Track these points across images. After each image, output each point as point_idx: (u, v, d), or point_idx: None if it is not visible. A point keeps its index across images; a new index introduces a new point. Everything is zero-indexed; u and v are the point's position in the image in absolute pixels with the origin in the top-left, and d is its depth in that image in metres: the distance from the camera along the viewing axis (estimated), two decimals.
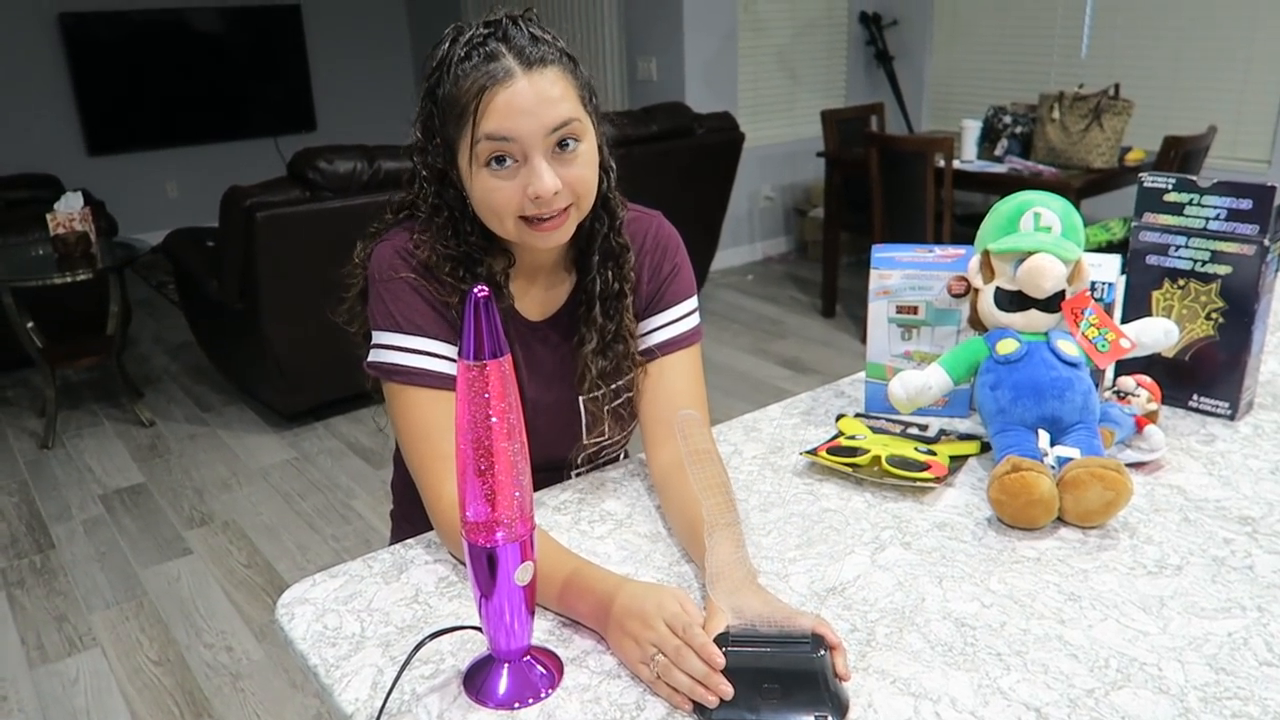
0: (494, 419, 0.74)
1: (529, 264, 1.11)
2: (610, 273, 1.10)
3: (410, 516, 1.25)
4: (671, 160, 3.91)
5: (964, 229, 4.15)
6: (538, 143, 0.96)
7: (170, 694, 2.16)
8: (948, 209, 3.77)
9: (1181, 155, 3.51)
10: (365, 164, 3.08)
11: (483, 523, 0.77)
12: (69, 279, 3.25)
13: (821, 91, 5.48)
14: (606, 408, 1.15)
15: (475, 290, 0.72)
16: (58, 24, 5.61)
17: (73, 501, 3.02)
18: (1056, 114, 3.79)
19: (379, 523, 2.84)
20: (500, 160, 0.96)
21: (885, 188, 3.90)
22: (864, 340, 4.41)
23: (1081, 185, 3.59)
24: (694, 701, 0.77)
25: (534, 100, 0.95)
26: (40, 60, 5.63)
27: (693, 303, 1.19)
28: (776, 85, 5.31)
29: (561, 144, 0.98)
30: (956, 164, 3.81)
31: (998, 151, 4.02)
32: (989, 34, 5.02)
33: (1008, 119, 4.06)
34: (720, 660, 0.77)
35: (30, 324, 3.34)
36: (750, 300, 4.86)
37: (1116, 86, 3.75)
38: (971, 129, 4.02)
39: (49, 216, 3.36)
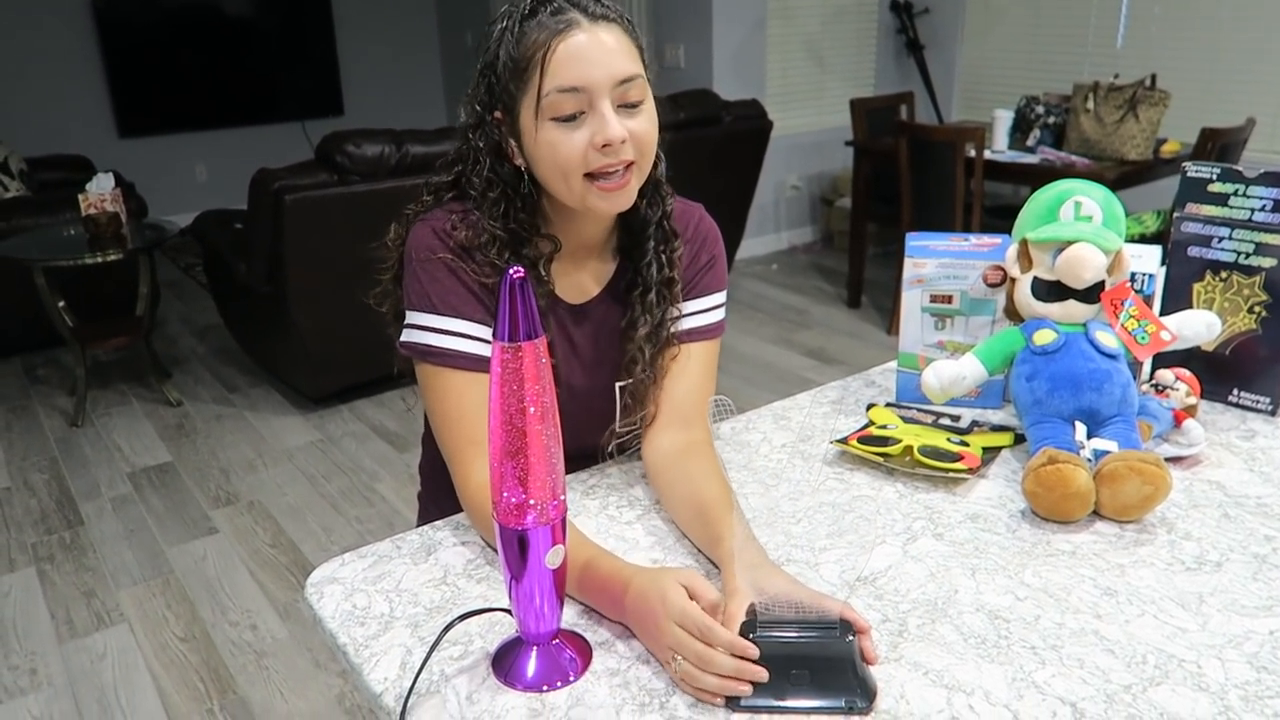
0: (528, 401, 0.73)
1: (574, 245, 1.10)
2: (664, 257, 1.10)
3: (438, 500, 1.25)
4: (699, 148, 3.89)
5: (994, 220, 4.10)
6: (604, 92, 0.95)
7: (196, 670, 2.19)
8: (977, 200, 3.73)
9: (1219, 147, 3.45)
10: (393, 148, 3.08)
11: (515, 505, 0.76)
12: (100, 259, 3.28)
13: (850, 80, 5.43)
14: (651, 368, 1.14)
15: (511, 271, 0.72)
16: (90, 7, 5.65)
17: (101, 479, 3.06)
18: (1091, 104, 3.74)
19: (402, 506, 2.86)
20: (571, 117, 0.96)
21: (914, 178, 3.86)
22: (889, 331, 4.38)
23: (1116, 177, 3.54)
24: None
25: (600, 50, 0.95)
26: (72, 43, 5.68)
27: (722, 297, 1.19)
28: (805, 73, 5.27)
29: (626, 104, 0.97)
30: (988, 154, 3.77)
31: (1030, 142, 3.97)
32: (1021, 23, 4.96)
33: (1040, 109, 4.01)
34: (752, 650, 0.76)
35: (61, 304, 3.37)
36: (775, 290, 4.83)
37: (1153, 77, 3.69)
38: (1003, 119, 3.97)
39: (81, 197, 3.39)
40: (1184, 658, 0.81)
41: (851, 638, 0.77)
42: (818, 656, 0.76)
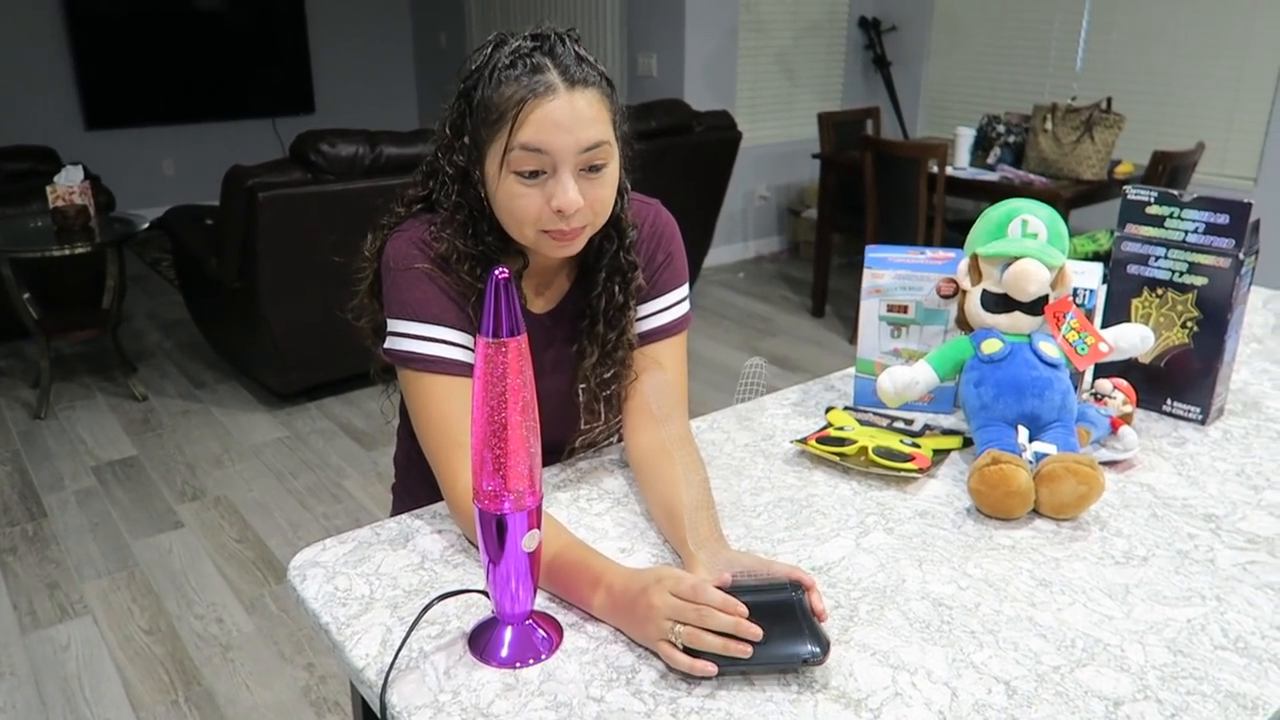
0: (510, 394, 0.79)
1: (539, 265, 1.15)
2: (615, 287, 1.14)
3: (412, 490, 1.30)
4: (669, 157, 3.96)
5: (955, 234, 4.21)
6: (569, 159, 1.00)
7: (161, 663, 2.20)
8: (939, 214, 3.83)
9: (1170, 170, 3.58)
10: (368, 148, 3.11)
11: (494, 491, 0.82)
12: (67, 251, 3.28)
13: (819, 93, 5.54)
14: (602, 395, 1.19)
15: (496, 271, 0.77)
16: None
17: (65, 472, 3.05)
18: (1049, 125, 3.86)
19: (370, 503, 2.88)
20: (533, 174, 1.00)
21: (879, 191, 3.96)
22: (852, 340, 4.46)
23: (1071, 196, 3.66)
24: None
25: (572, 118, 0.98)
26: (41, 33, 5.63)
27: (682, 291, 1.23)
28: (775, 86, 5.36)
29: (591, 168, 1.02)
30: (950, 170, 3.87)
31: (990, 160, 4.09)
32: (985, 43, 5.09)
33: (1001, 128, 4.12)
34: (742, 608, 0.81)
35: (26, 295, 3.36)
36: (741, 298, 4.91)
37: (1109, 100, 3.82)
38: (966, 136, 4.08)
39: (49, 189, 3.38)
40: (1109, 642, 0.88)
41: (800, 593, 0.84)
42: (769, 610, 0.82)
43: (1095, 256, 3.77)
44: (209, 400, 3.61)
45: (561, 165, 1.00)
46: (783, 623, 0.82)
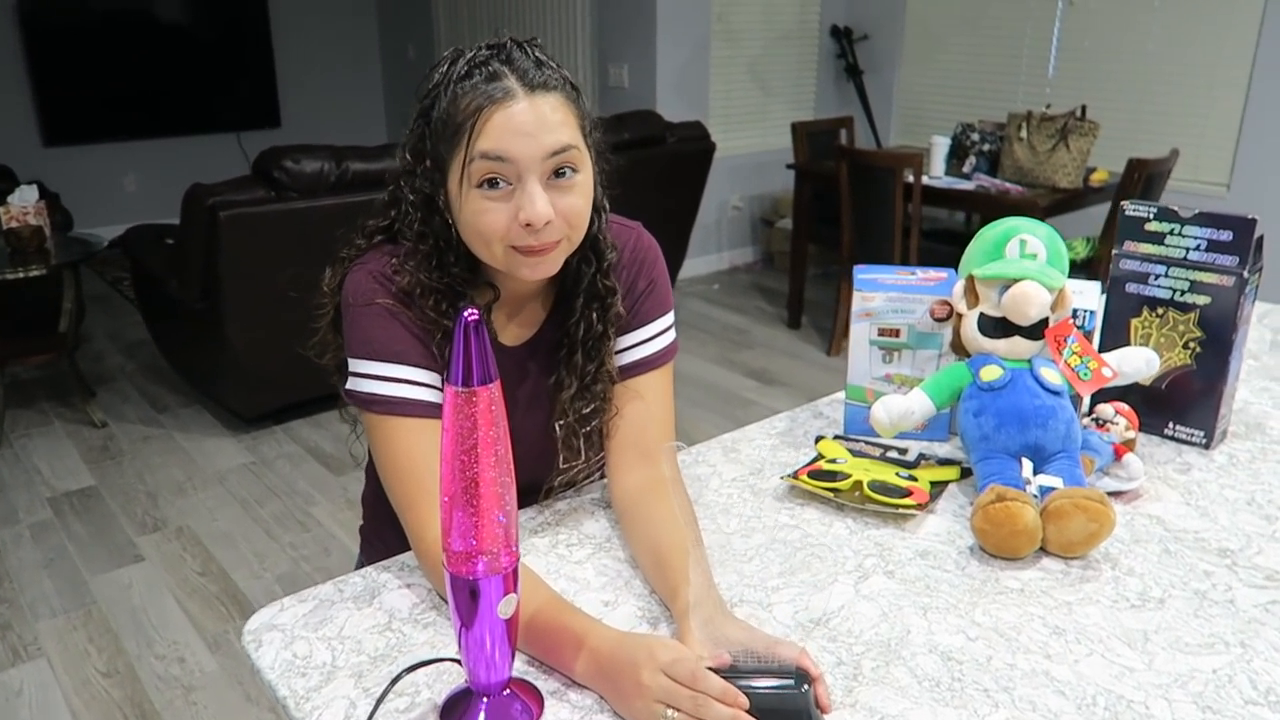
0: (481, 448, 0.71)
1: (512, 294, 1.07)
2: (594, 314, 1.07)
3: (382, 534, 1.22)
4: (643, 168, 3.89)
5: (931, 244, 4.18)
6: (534, 166, 0.92)
7: (119, 707, 2.10)
8: (915, 224, 3.79)
9: (1145, 178, 3.56)
10: (333, 165, 3.02)
11: (465, 553, 0.74)
12: (21, 274, 3.16)
13: (791, 103, 5.51)
14: (581, 432, 1.12)
15: (465, 314, 0.70)
16: (15, 10, 5.46)
17: (20, 504, 2.93)
18: (1024, 133, 3.83)
19: (339, 530, 2.79)
20: (493, 183, 0.93)
21: (854, 201, 3.91)
22: (829, 353, 4.41)
23: (1048, 204, 3.63)
24: None
25: (534, 122, 0.92)
26: None
27: (667, 319, 1.16)
28: (747, 95, 5.32)
29: (558, 172, 0.94)
30: (925, 180, 3.84)
31: (966, 169, 4.06)
32: (958, 52, 5.08)
33: (976, 136, 4.10)
34: (743, 700, 0.74)
35: None
36: (717, 310, 4.85)
37: (1083, 108, 3.80)
38: (940, 145, 4.05)
39: (2, 210, 3.26)
40: (1132, 698, 0.82)
41: (807, 688, 0.76)
42: (773, 708, 0.75)
43: (1073, 265, 3.75)
44: (171, 425, 3.49)
45: (527, 174, 0.92)
46: (787, 719, 0.75)
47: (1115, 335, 1.31)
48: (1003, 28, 4.84)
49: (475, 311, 0.70)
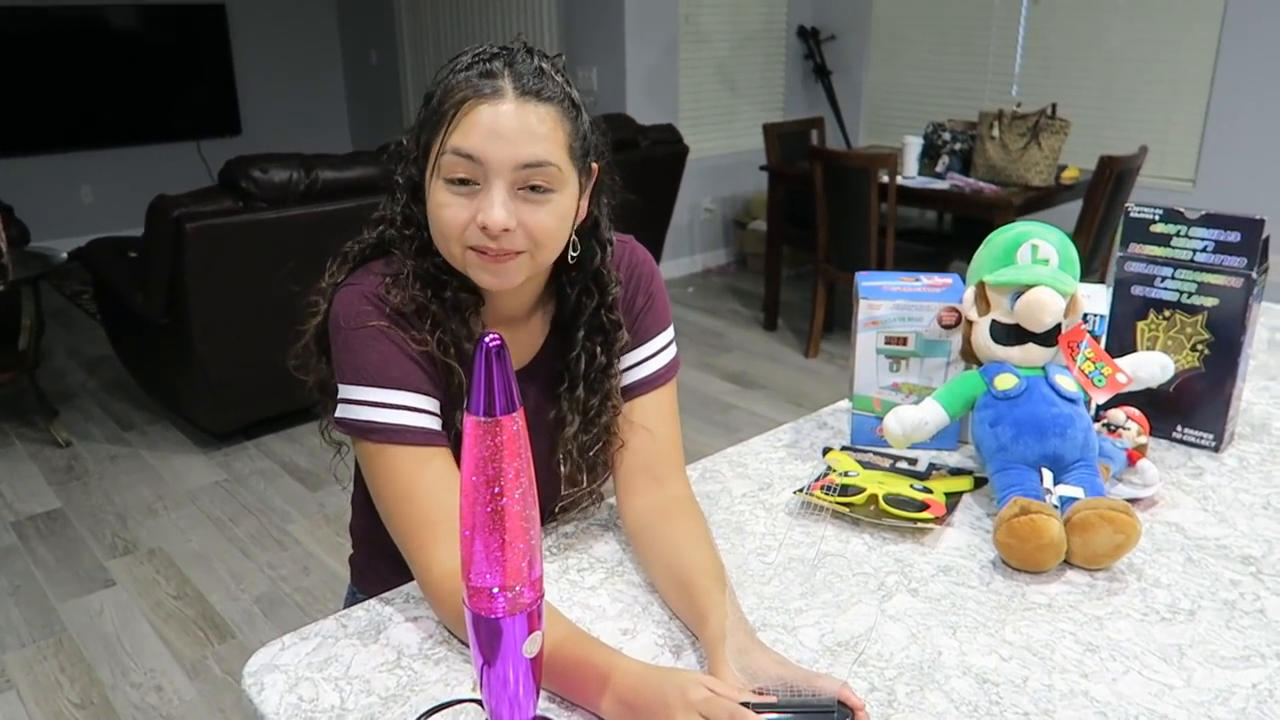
0: (506, 480, 0.67)
1: (498, 309, 1.02)
2: (597, 347, 1.03)
3: (375, 566, 1.17)
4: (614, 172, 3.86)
5: (906, 244, 4.19)
6: (503, 172, 0.88)
7: None
8: (891, 224, 3.79)
9: (1116, 174, 3.58)
10: (302, 174, 2.95)
11: (487, 590, 0.70)
12: None
13: (761, 104, 5.50)
14: (584, 459, 1.08)
15: (487, 339, 0.65)
16: None
17: None
18: (996, 132, 3.85)
19: (317, 548, 2.72)
20: (461, 180, 0.89)
21: (829, 202, 3.90)
22: (807, 354, 4.40)
23: (1021, 203, 3.64)
24: None
25: (515, 128, 0.87)
26: None
27: (668, 335, 1.13)
28: (717, 97, 5.30)
29: (533, 187, 0.90)
30: (899, 180, 3.84)
31: (939, 168, 4.07)
32: (925, 51, 5.10)
33: (947, 136, 4.11)
34: None
35: None
36: (692, 313, 4.83)
37: (1054, 106, 3.82)
38: (913, 145, 4.06)
39: None
40: (1174, 717, 0.80)
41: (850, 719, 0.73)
42: None
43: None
44: (139, 443, 3.39)
45: (494, 177, 0.88)
46: None
47: (1121, 338, 1.30)
48: (969, 27, 4.86)
49: (497, 336, 0.66)
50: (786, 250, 4.65)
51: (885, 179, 3.72)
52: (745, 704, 0.73)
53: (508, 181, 0.88)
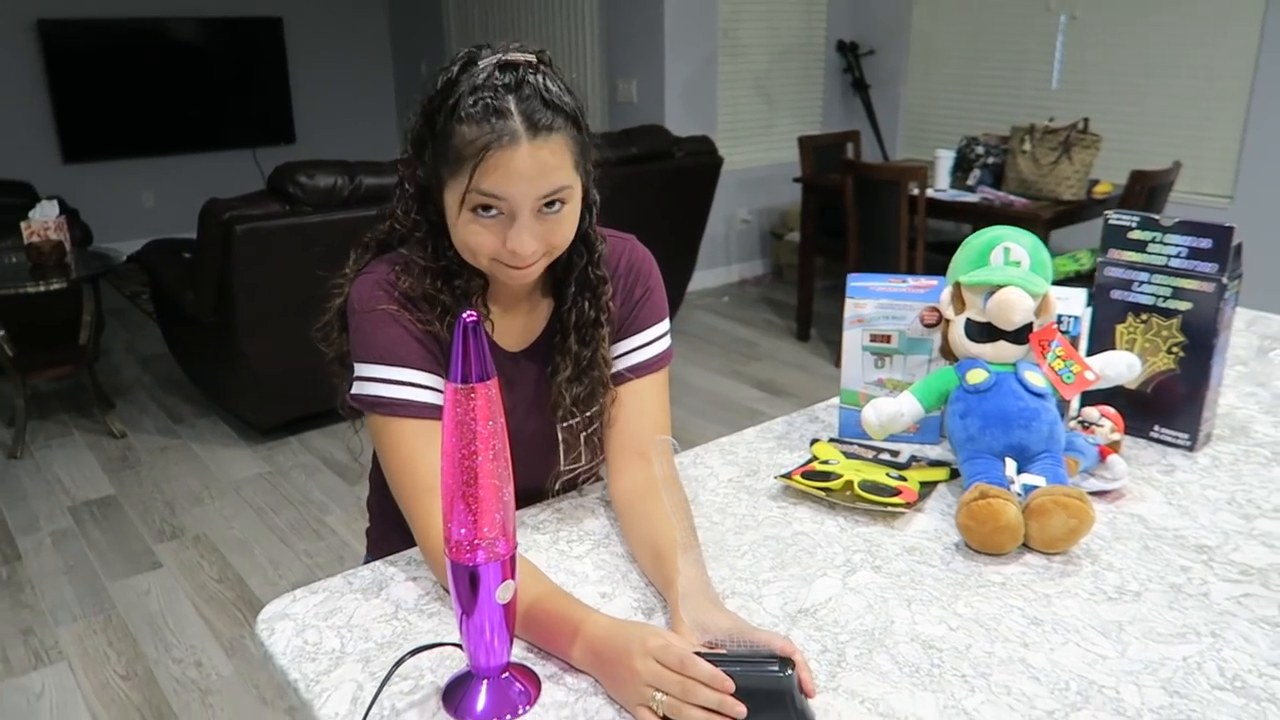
0: (480, 442, 0.76)
1: (505, 291, 1.12)
2: (586, 302, 1.12)
3: (388, 536, 1.26)
4: (650, 182, 3.95)
5: (936, 256, 4.21)
6: (526, 204, 0.97)
7: (138, 709, 2.15)
8: (921, 236, 3.83)
9: (1148, 190, 3.59)
10: (346, 179, 3.09)
11: (465, 542, 0.79)
12: (42, 288, 3.23)
13: (799, 117, 5.56)
14: (582, 434, 1.17)
15: (464, 315, 0.75)
16: (36, 30, 5.58)
17: (41, 513, 2.99)
18: (1027, 146, 3.87)
19: (352, 539, 2.84)
20: (487, 209, 0.98)
21: (859, 214, 3.96)
22: (838, 364, 4.45)
23: (1051, 216, 3.67)
24: None
25: (533, 169, 0.96)
26: (17, 66, 5.60)
27: (663, 326, 1.21)
28: (754, 110, 5.38)
29: (549, 204, 0.99)
30: (930, 192, 3.88)
31: (970, 181, 4.10)
32: (962, 65, 5.13)
33: (980, 149, 4.14)
34: (729, 684, 0.78)
35: (1, 333, 3.31)
36: (726, 322, 4.90)
37: (1086, 121, 3.84)
38: (945, 158, 4.09)
39: (23, 225, 3.34)
40: (1104, 684, 0.86)
41: (790, 671, 0.80)
42: (758, 690, 0.79)
43: (1077, 276, 3.78)
44: (188, 436, 3.56)
45: (520, 210, 0.98)
46: (771, 703, 0.79)
47: (1101, 341, 1.35)
48: (1006, 42, 4.88)
49: (474, 314, 0.75)
50: (820, 261, 4.70)
51: (915, 191, 3.76)
52: (696, 653, 0.81)
53: (531, 210, 0.98)
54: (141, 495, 3.11)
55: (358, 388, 1.06)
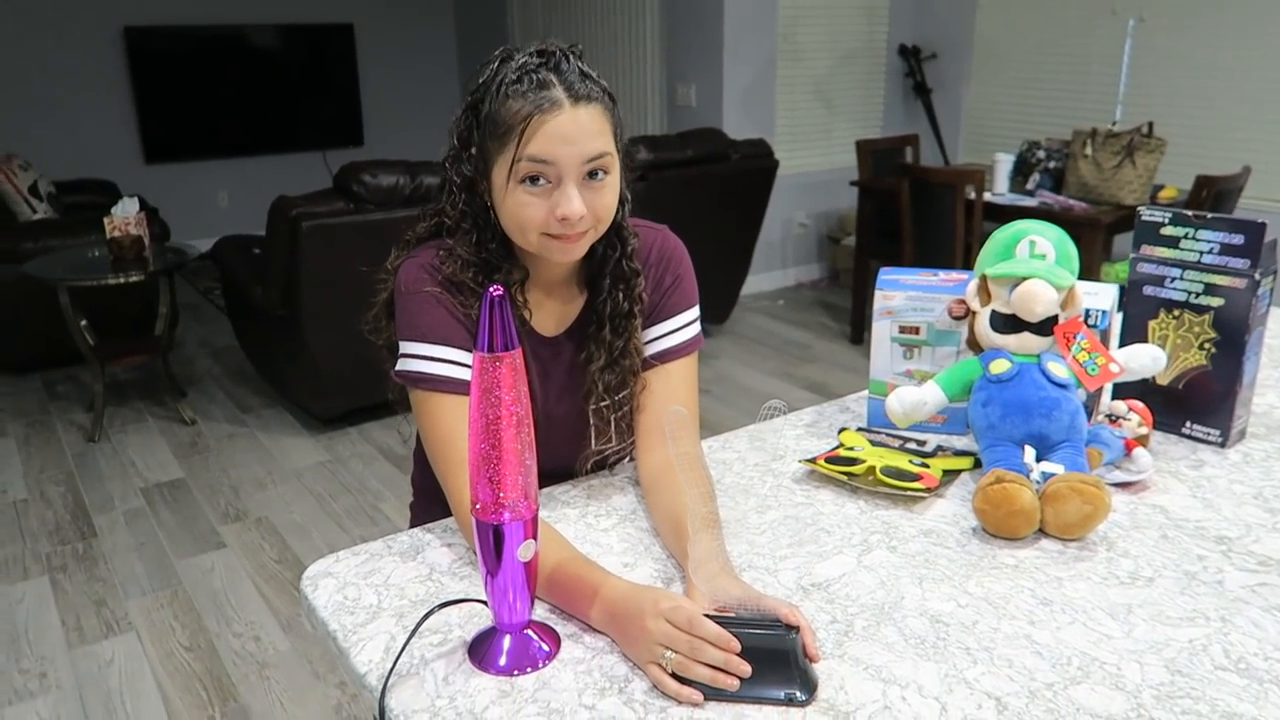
0: (503, 407, 0.81)
1: (544, 278, 1.19)
2: (620, 293, 1.18)
3: (429, 509, 1.33)
4: (705, 185, 4.00)
5: None
6: (573, 169, 1.04)
7: (199, 679, 2.26)
8: (976, 241, 3.81)
9: (1214, 195, 3.52)
10: (407, 178, 3.19)
11: (490, 503, 0.84)
12: (122, 280, 3.40)
13: (858, 122, 5.55)
14: (612, 417, 1.22)
15: (491, 290, 0.80)
16: (122, 36, 5.84)
17: (115, 493, 3.15)
18: (1089, 150, 3.82)
19: (405, 524, 2.91)
20: (535, 180, 1.04)
21: (915, 218, 3.95)
22: None
23: (1112, 221, 3.62)
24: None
25: (576, 131, 1.03)
26: (104, 71, 5.87)
27: (692, 313, 1.26)
28: (814, 114, 5.39)
29: (592, 174, 1.06)
30: (988, 196, 3.85)
31: (1029, 185, 4.06)
32: (1027, 69, 5.07)
33: (1041, 153, 4.10)
34: (735, 644, 0.82)
35: (83, 322, 3.48)
36: (780, 325, 4.91)
37: (1150, 124, 3.78)
38: (1004, 162, 4.06)
39: (106, 220, 3.51)
40: (1105, 660, 0.88)
41: (795, 635, 0.84)
42: (762, 650, 0.83)
43: None
44: (254, 425, 3.70)
45: (566, 175, 1.04)
46: (775, 663, 0.83)
47: (1134, 338, 1.36)
48: (1071, 45, 4.82)
49: (500, 288, 0.81)
50: (875, 265, 4.68)
51: (972, 195, 3.74)
52: (705, 615, 0.86)
53: (576, 176, 1.05)
54: (209, 479, 3.25)
55: (402, 364, 1.13)
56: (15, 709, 2.15)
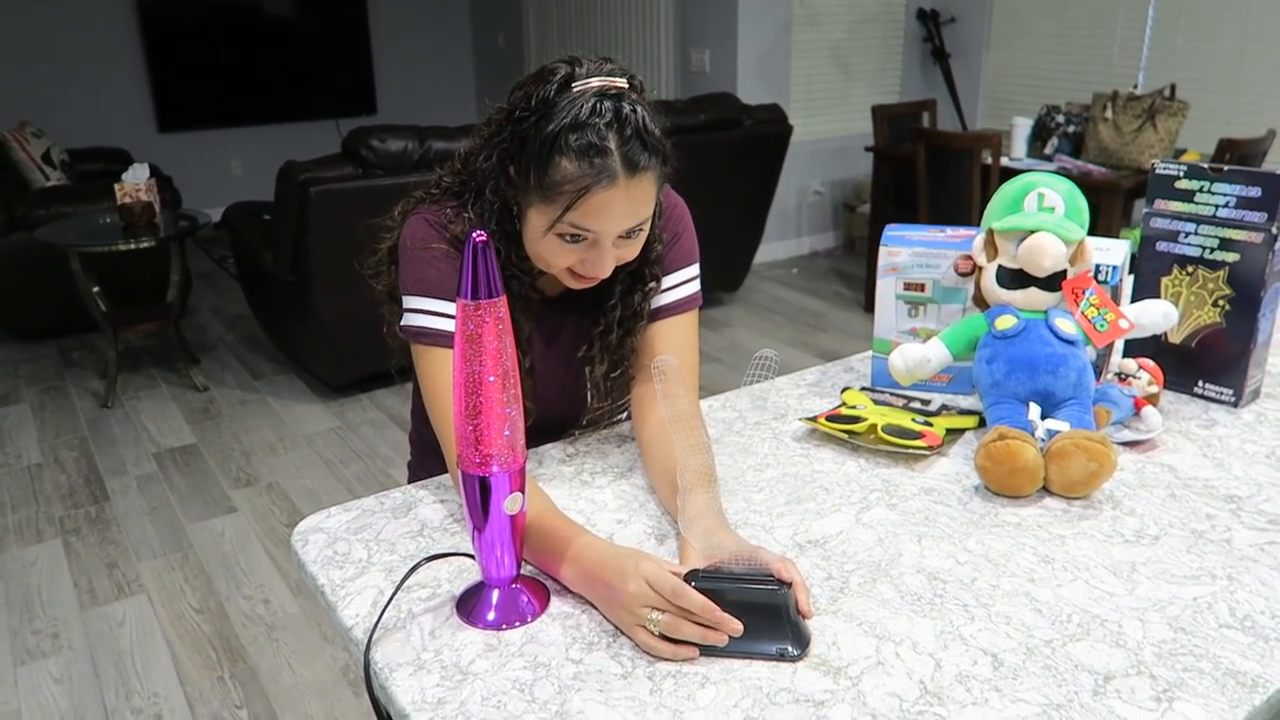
0: (486, 357, 0.80)
1: None
2: (635, 297, 1.16)
3: (426, 465, 1.32)
4: (717, 150, 3.95)
5: None
6: (611, 237, 1.02)
7: (209, 640, 2.27)
8: None
9: (1237, 159, 3.44)
10: (416, 144, 3.17)
11: (474, 453, 0.83)
12: (132, 245, 3.40)
13: (875, 87, 5.46)
14: (612, 375, 1.20)
15: (474, 235, 0.78)
16: (136, 5, 5.82)
17: (128, 458, 3.17)
18: (1109, 114, 3.75)
19: None
20: (575, 239, 1.02)
21: (931, 184, 3.89)
22: None
23: (1132, 186, 3.55)
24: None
25: (625, 209, 1.00)
26: (117, 39, 5.85)
27: (692, 270, 1.22)
28: (830, 80, 5.30)
29: (628, 234, 1.04)
30: (1005, 161, 3.79)
31: (1047, 150, 3.99)
32: (1048, 33, 4.97)
33: (1060, 118, 4.02)
34: (720, 614, 0.80)
35: (96, 289, 3.49)
36: (794, 294, 4.87)
37: (1172, 87, 3.69)
38: (1022, 127, 3.99)
39: (116, 186, 3.51)
40: (1107, 618, 0.86)
41: (787, 590, 0.82)
42: (753, 604, 0.81)
43: None
44: (266, 391, 3.71)
45: (604, 240, 1.03)
46: (767, 618, 0.81)
47: (1147, 294, 1.32)
48: (1094, 8, 4.71)
49: (484, 234, 0.79)
50: None
51: (989, 160, 3.68)
52: (696, 570, 0.84)
53: (612, 238, 1.03)
54: (220, 445, 3.27)
55: (406, 319, 1.11)
56: (28, 668, 2.18)
